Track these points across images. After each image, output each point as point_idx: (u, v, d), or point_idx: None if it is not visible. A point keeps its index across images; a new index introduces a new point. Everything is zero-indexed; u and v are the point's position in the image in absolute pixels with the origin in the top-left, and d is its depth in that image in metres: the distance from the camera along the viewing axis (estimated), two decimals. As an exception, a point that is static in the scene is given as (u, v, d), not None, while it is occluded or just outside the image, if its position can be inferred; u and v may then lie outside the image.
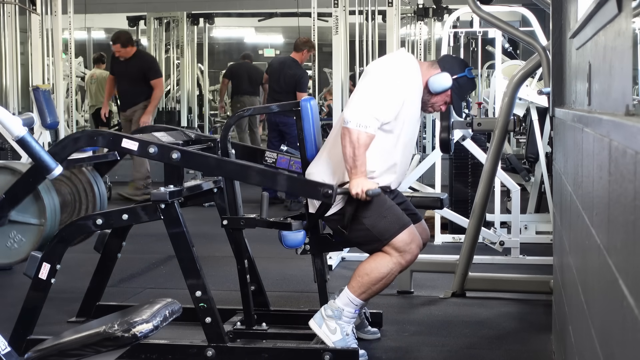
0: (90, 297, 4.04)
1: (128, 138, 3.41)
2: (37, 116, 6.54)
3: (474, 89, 3.87)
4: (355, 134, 3.29)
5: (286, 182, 3.46)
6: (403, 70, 3.48)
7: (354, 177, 3.31)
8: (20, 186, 3.46)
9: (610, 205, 1.49)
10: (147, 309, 1.98)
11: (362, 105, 3.34)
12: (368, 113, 3.31)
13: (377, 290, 3.40)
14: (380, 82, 3.42)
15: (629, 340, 1.23)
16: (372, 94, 3.39)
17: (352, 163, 3.30)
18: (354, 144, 3.28)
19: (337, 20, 6.26)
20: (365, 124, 3.29)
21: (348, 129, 3.30)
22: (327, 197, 3.29)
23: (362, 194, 3.28)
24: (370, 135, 3.31)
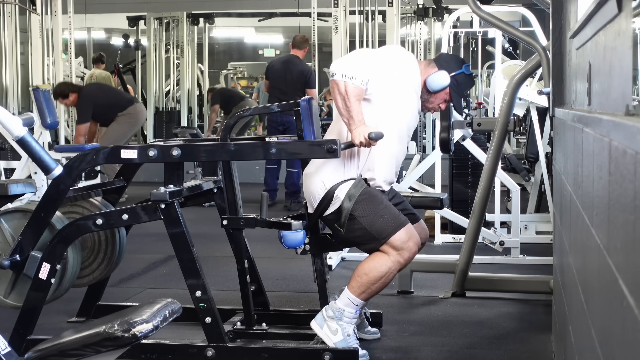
0: (90, 297, 4.04)
1: (126, 148, 3.41)
2: (37, 116, 6.54)
3: (472, 86, 3.87)
4: (342, 85, 3.29)
5: (288, 148, 3.47)
6: (399, 57, 3.53)
7: (353, 127, 3.31)
8: (34, 224, 3.42)
9: (610, 205, 1.49)
10: (147, 309, 1.98)
11: (348, 59, 3.39)
12: (353, 65, 3.33)
13: (376, 289, 3.40)
14: (372, 51, 3.52)
15: (629, 340, 1.23)
16: (361, 53, 3.47)
17: (347, 114, 3.31)
18: (342, 95, 3.29)
19: (337, 20, 6.27)
20: (350, 74, 3.29)
21: (334, 80, 3.31)
22: (332, 152, 3.24)
23: (366, 140, 3.28)
24: (357, 86, 3.30)
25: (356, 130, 3.29)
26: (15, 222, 3.51)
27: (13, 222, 3.52)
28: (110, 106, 8.10)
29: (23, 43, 8.94)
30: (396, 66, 3.47)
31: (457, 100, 3.63)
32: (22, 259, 3.41)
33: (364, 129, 3.28)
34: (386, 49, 3.69)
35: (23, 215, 3.51)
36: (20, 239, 3.41)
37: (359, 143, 3.29)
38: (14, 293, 3.49)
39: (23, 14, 8.53)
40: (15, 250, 3.41)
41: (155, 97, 12.60)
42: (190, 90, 12.84)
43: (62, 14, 7.90)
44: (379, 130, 3.29)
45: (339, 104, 3.31)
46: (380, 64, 3.41)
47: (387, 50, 3.68)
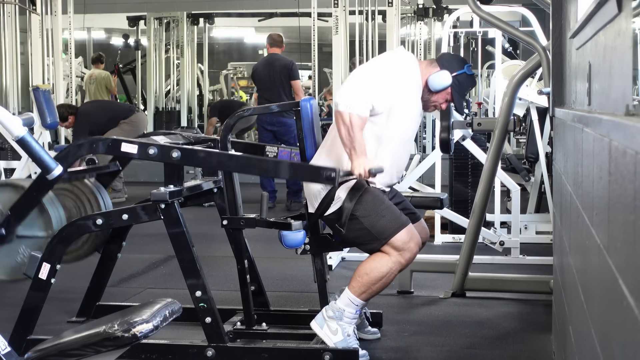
0: (90, 297, 4.04)
1: (127, 142, 3.41)
2: (37, 116, 6.54)
3: (473, 86, 3.87)
4: (346, 116, 3.29)
5: (288, 169, 3.47)
6: (400, 66, 3.49)
7: (354, 158, 3.30)
8: (25, 201, 3.46)
9: (610, 205, 1.49)
10: (147, 309, 1.98)
11: (352, 88, 3.36)
12: (357, 95, 3.32)
13: (377, 289, 3.40)
14: (374, 71, 3.45)
15: (629, 340, 1.23)
16: (364, 79, 3.41)
17: (350, 145, 3.30)
18: (347, 125, 3.29)
19: (337, 20, 6.27)
20: (355, 105, 3.29)
21: (339, 111, 3.30)
22: (330, 180, 3.26)
23: (366, 173, 3.28)
24: (362, 117, 3.30)
25: (357, 162, 3.29)
26: (6, 196, 3.53)
27: (3, 195, 3.54)
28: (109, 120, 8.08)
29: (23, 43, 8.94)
30: (399, 78, 3.44)
31: (458, 100, 3.62)
32: (7, 233, 3.45)
33: (365, 161, 3.29)
34: (386, 61, 3.58)
35: (14, 190, 3.52)
36: (9, 214, 3.44)
37: (358, 175, 3.30)
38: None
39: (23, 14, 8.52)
40: (2, 224, 3.45)
41: (155, 97, 12.60)
42: (190, 90, 12.84)
43: (62, 14, 7.90)
44: (379, 166, 3.30)
45: (342, 134, 3.31)
46: (384, 84, 3.39)
47: (388, 61, 3.58)
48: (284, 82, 7.94)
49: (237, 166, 3.50)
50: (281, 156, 4.04)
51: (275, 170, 3.44)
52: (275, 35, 8.30)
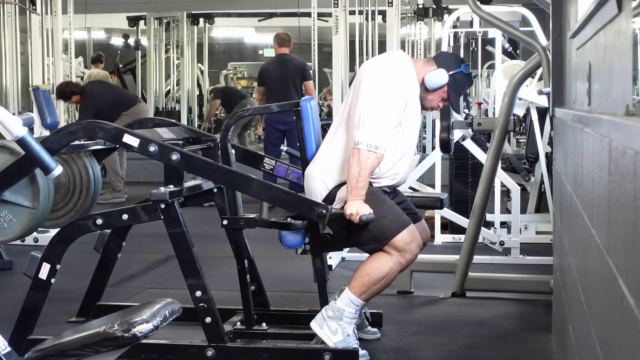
0: (90, 297, 4.04)
1: (129, 134, 3.40)
2: (37, 116, 6.54)
3: (470, 85, 3.86)
4: (364, 155, 3.28)
5: (283, 197, 3.45)
6: (399, 74, 3.46)
7: (353, 198, 3.31)
8: (17, 167, 3.44)
9: (610, 205, 1.49)
10: (147, 309, 1.98)
11: (373, 125, 3.31)
12: (379, 133, 3.30)
13: (377, 290, 3.40)
14: (383, 95, 3.38)
15: (629, 340, 1.23)
16: (379, 111, 3.35)
17: (355, 184, 3.30)
18: (361, 164, 3.28)
19: (337, 20, 6.27)
20: (376, 144, 3.29)
21: (359, 150, 3.29)
22: (320, 217, 3.32)
23: (356, 217, 3.28)
24: (380, 157, 3.32)
25: (353, 203, 3.30)
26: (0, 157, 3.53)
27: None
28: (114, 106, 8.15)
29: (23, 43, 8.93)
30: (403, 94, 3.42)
31: (455, 99, 3.61)
32: None
33: (360, 206, 3.29)
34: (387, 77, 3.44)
35: (10, 153, 3.51)
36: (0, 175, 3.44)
37: (349, 214, 3.30)
38: None
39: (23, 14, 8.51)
40: None
41: (155, 97, 12.60)
42: (190, 90, 12.83)
43: (62, 14, 7.89)
44: (371, 215, 3.29)
45: (352, 170, 3.30)
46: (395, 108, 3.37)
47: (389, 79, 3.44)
48: (296, 82, 7.94)
49: (234, 183, 3.51)
50: (277, 171, 4.04)
51: (270, 195, 3.45)
52: (283, 34, 8.29)
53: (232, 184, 3.53)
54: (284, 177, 4.09)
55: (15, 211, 3.52)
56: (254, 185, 3.44)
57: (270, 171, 4.05)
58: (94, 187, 3.88)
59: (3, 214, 3.51)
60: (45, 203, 3.53)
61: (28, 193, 3.52)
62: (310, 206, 3.35)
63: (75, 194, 3.87)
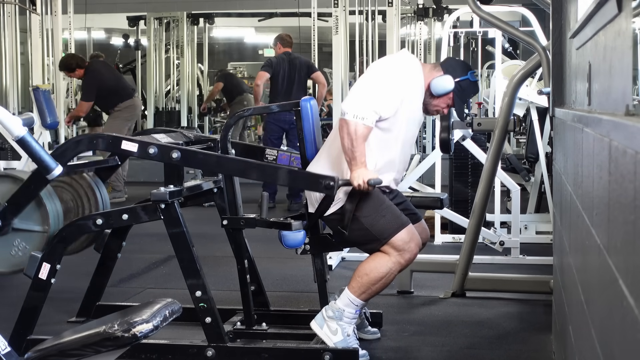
0: (90, 297, 4.04)
1: (127, 140, 3.41)
2: (37, 116, 6.54)
3: (476, 92, 3.86)
4: (352, 125, 3.29)
5: (287, 175, 3.47)
6: (404, 69, 3.48)
7: (354, 168, 3.31)
8: (22, 194, 3.45)
9: (610, 205, 1.49)
10: (147, 309, 1.98)
11: (360, 97, 3.35)
12: (365, 105, 3.31)
13: (377, 290, 3.40)
14: (380, 78, 3.43)
15: (629, 340, 1.23)
16: (371, 87, 3.39)
17: (351, 154, 3.30)
18: (351, 135, 3.29)
19: (337, 20, 6.27)
20: (362, 115, 3.29)
21: (345, 120, 3.30)
22: (329, 188, 3.28)
23: (364, 184, 3.28)
24: (368, 127, 3.31)
25: (356, 172, 3.30)
26: (3, 187, 3.53)
27: (1, 186, 3.53)
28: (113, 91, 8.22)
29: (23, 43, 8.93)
30: (403, 84, 3.43)
31: (460, 106, 3.63)
32: (3, 225, 3.44)
33: (364, 172, 3.29)
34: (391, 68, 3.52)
35: (13, 182, 3.52)
36: (6, 205, 3.43)
37: (357, 185, 3.30)
38: None
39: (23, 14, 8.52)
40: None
41: (155, 97, 12.59)
42: (190, 90, 12.83)
43: (62, 14, 7.88)
44: (378, 178, 3.30)
45: (345, 143, 3.31)
46: (389, 91, 3.39)
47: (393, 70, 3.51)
48: (303, 79, 8.01)
49: (236, 170, 3.51)
50: (280, 160, 4.04)
51: (274, 176, 3.45)
52: (285, 35, 8.32)
53: (236, 171, 3.51)
54: (288, 166, 4.08)
55: (27, 238, 3.51)
56: (258, 169, 3.45)
57: (273, 162, 4.04)
58: (102, 209, 3.86)
59: (16, 242, 3.49)
60: (55, 224, 3.52)
61: (37, 218, 3.52)
62: (317, 180, 3.33)
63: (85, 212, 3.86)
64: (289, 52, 8.14)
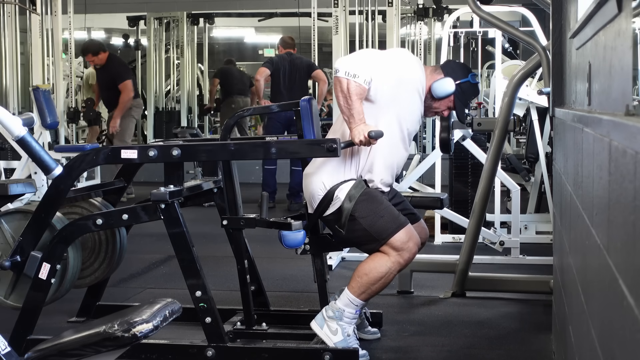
0: (90, 297, 4.04)
1: (125, 148, 3.42)
2: (37, 116, 6.54)
3: (476, 95, 3.86)
4: (344, 82, 3.29)
5: (290, 147, 3.48)
6: (405, 60, 3.52)
7: (353, 126, 3.30)
8: (34, 224, 3.42)
9: (610, 205, 1.49)
10: (147, 309, 1.98)
11: (353, 58, 3.40)
12: (358, 65, 3.32)
13: (376, 290, 3.40)
14: (381, 52, 3.51)
15: (629, 340, 1.23)
16: (368, 53, 3.46)
17: (348, 112, 3.30)
18: (344, 92, 3.29)
19: (337, 20, 6.27)
20: (354, 72, 3.29)
21: (337, 77, 3.31)
22: (331, 151, 3.24)
23: (366, 139, 3.27)
24: (360, 85, 3.29)
25: (356, 129, 3.29)
26: (16, 223, 3.51)
27: (13, 222, 3.52)
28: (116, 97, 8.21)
29: (23, 43, 8.94)
30: (401, 69, 3.46)
31: (460, 108, 3.63)
32: (22, 260, 3.41)
33: (363, 127, 3.28)
34: (393, 52, 3.66)
35: (24, 216, 3.51)
36: (21, 239, 3.42)
37: (358, 142, 3.28)
38: (14, 294, 3.49)
39: (23, 14, 8.52)
40: (15, 251, 3.41)
41: (155, 97, 12.59)
42: (190, 90, 12.83)
43: (62, 14, 7.89)
44: (379, 129, 3.29)
45: (340, 102, 3.31)
46: (386, 66, 3.40)
47: (393, 52, 3.66)
48: (304, 79, 8.05)
49: (238, 153, 3.45)
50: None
51: (277, 152, 3.42)
52: (288, 38, 8.36)
53: (238, 154, 3.46)
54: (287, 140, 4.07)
55: None
56: (259, 148, 3.46)
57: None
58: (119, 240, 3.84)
59: None
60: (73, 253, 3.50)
61: None
62: (319, 145, 3.29)
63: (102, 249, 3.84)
64: (290, 52, 8.15)
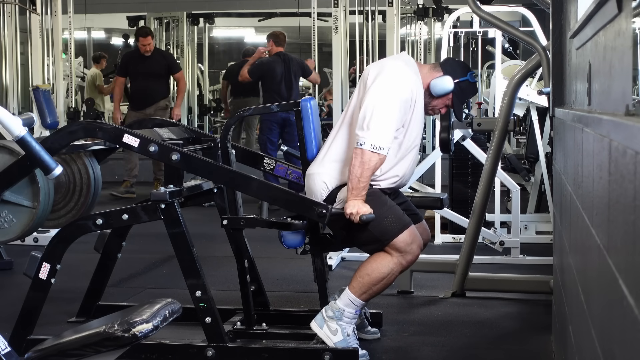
0: (90, 297, 4.04)
1: (129, 134, 3.41)
2: (37, 116, 6.53)
3: (475, 93, 3.86)
4: (367, 155, 3.27)
5: (283, 197, 3.47)
6: (408, 77, 3.44)
7: (353, 198, 3.30)
8: (17, 168, 3.44)
9: (610, 205, 1.49)
10: (147, 309, 1.98)
11: (377, 125, 3.29)
12: (383, 134, 3.29)
13: (377, 290, 3.40)
14: (391, 96, 3.35)
15: (629, 340, 1.23)
16: (385, 112, 3.31)
17: (356, 184, 3.29)
18: (364, 165, 3.27)
19: (337, 20, 6.27)
20: (380, 145, 3.27)
21: (362, 150, 3.28)
22: (321, 217, 3.32)
23: (356, 216, 3.28)
24: (383, 158, 3.31)
25: (353, 202, 3.30)
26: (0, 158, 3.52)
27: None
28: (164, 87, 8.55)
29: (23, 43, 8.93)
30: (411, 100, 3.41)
31: (459, 106, 3.63)
32: None
33: (360, 205, 3.29)
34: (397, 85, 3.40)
35: (9, 154, 3.51)
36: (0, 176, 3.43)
37: (349, 214, 3.30)
38: None
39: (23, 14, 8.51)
40: None
41: (155, 97, 12.57)
42: (190, 90, 12.82)
43: (62, 14, 7.88)
44: (371, 215, 3.29)
45: (354, 171, 3.29)
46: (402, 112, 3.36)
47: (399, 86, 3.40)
48: (297, 79, 8.05)
49: (233, 183, 3.52)
50: (277, 171, 4.04)
51: (270, 196, 3.46)
52: (279, 33, 8.30)
53: (232, 183, 3.53)
54: (284, 177, 4.09)
55: (15, 211, 3.51)
56: (254, 185, 3.44)
57: (270, 171, 4.05)
58: (94, 187, 3.87)
59: (3, 214, 3.50)
60: (45, 203, 3.53)
61: (28, 193, 3.52)
62: (311, 206, 3.35)
63: (75, 194, 3.86)
64: (283, 52, 8.14)
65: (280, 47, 8.17)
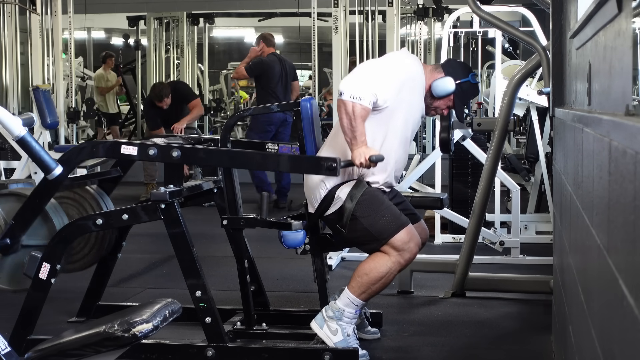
0: (90, 297, 4.04)
1: (126, 144, 3.42)
2: (37, 116, 6.54)
3: (476, 95, 3.87)
4: (349, 105, 3.28)
5: (288, 162, 3.49)
6: (405, 64, 3.51)
7: (355, 147, 3.31)
8: (28, 209, 3.44)
9: (610, 205, 1.49)
10: (147, 309, 1.98)
11: (357, 78, 3.36)
12: (362, 86, 3.31)
13: (376, 290, 3.40)
14: (379, 63, 3.48)
15: (629, 340, 1.23)
16: (369, 70, 3.42)
17: (351, 134, 3.30)
18: (349, 115, 3.28)
19: (337, 20, 6.27)
20: (359, 95, 3.28)
21: (342, 100, 3.30)
22: (331, 170, 3.26)
23: (366, 161, 3.28)
24: (365, 107, 3.30)
25: (357, 151, 3.30)
26: (9, 206, 3.52)
27: (7, 205, 3.53)
28: None
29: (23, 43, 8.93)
30: (401, 73, 3.45)
31: (460, 107, 3.63)
32: (12, 243, 3.42)
33: (365, 150, 3.29)
34: (391, 57, 3.63)
35: (17, 199, 3.51)
36: (12, 223, 3.43)
37: (359, 164, 3.29)
38: (2, 275, 3.51)
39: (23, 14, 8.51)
40: (6, 234, 3.44)
41: (155, 97, 12.57)
42: (190, 90, 12.81)
43: (62, 14, 7.88)
44: (380, 154, 3.30)
45: (344, 123, 3.31)
46: (388, 77, 3.39)
47: (391, 58, 3.63)
48: (289, 81, 8.04)
49: (237, 162, 3.50)
50: (282, 151, 4.03)
51: (276, 164, 3.44)
52: (268, 34, 8.31)
53: (237, 162, 3.51)
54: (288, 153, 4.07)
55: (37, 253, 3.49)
56: (258, 158, 3.46)
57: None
58: None
59: (26, 260, 3.47)
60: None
61: (44, 233, 3.52)
62: (319, 162, 3.31)
63: None
64: (275, 52, 8.16)
65: (272, 48, 8.18)
